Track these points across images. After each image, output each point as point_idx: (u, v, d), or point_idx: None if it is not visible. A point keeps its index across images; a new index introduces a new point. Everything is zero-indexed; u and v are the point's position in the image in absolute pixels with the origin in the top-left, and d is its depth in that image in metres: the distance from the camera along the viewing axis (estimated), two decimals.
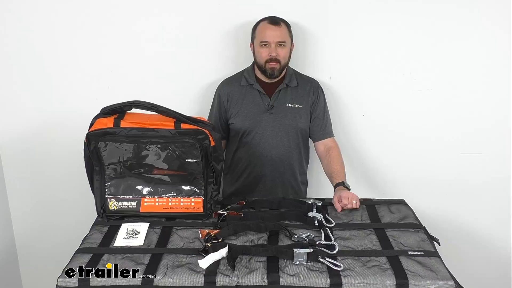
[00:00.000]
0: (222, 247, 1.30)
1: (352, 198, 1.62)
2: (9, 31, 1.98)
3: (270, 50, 1.82)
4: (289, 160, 1.94)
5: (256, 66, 1.90)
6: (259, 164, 1.93)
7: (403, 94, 2.05)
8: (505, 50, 1.95)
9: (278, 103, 1.91)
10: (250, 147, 1.92)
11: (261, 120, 1.90)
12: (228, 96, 1.93)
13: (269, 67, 1.84)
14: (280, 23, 1.83)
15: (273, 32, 1.81)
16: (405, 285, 1.20)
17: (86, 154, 1.50)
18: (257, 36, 1.85)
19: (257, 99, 1.91)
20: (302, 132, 1.94)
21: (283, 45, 1.83)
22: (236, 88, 1.93)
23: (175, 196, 1.53)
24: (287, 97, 1.91)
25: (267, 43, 1.82)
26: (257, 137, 1.91)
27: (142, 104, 1.50)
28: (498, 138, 2.07)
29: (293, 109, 1.91)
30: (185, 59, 2.03)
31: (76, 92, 2.06)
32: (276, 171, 1.94)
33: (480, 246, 2.24)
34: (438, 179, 2.16)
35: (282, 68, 1.87)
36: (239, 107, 1.91)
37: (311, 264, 1.27)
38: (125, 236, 1.42)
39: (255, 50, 1.87)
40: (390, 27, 1.96)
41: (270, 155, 1.92)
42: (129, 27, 1.99)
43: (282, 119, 1.90)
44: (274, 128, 1.90)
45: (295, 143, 1.94)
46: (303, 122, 1.93)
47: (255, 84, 1.91)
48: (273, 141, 1.91)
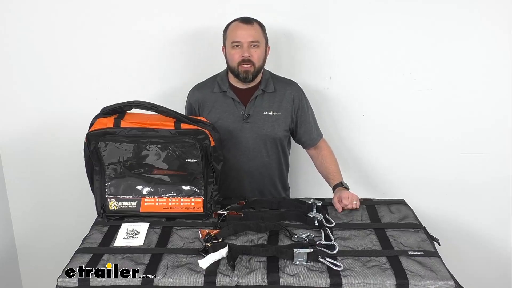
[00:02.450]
0: (222, 247, 1.30)
1: (352, 198, 1.62)
2: (9, 31, 1.98)
3: (242, 51, 1.68)
4: (269, 172, 1.84)
5: (229, 70, 1.76)
6: (237, 177, 1.81)
7: (403, 94, 2.04)
8: (505, 50, 1.95)
9: (255, 112, 1.77)
10: (227, 160, 1.74)
11: (237, 131, 1.76)
12: (199, 104, 1.80)
13: (242, 69, 1.69)
14: (252, 22, 1.71)
15: (245, 31, 1.68)
16: (405, 285, 1.20)
17: (86, 154, 1.50)
18: (228, 36, 1.72)
19: (232, 108, 1.77)
20: (280, 141, 1.82)
21: (256, 45, 1.69)
22: (208, 95, 1.79)
23: (175, 196, 1.53)
24: (264, 104, 1.77)
25: (239, 43, 1.68)
26: (233, 150, 1.78)
27: (142, 104, 1.51)
28: (498, 138, 2.07)
29: (271, 117, 1.77)
30: (185, 59, 2.03)
31: (76, 92, 2.06)
32: (255, 183, 1.83)
33: (480, 246, 2.24)
34: (438, 179, 2.16)
35: (257, 71, 1.72)
36: (212, 117, 1.76)
37: (311, 264, 1.27)
38: (125, 236, 1.42)
39: (227, 53, 1.74)
40: (390, 27, 1.96)
41: (247, 167, 1.80)
42: (129, 27, 1.99)
43: (260, 129, 1.77)
44: (250, 139, 1.77)
45: (274, 153, 1.82)
46: (282, 131, 1.79)
47: (228, 91, 1.77)
48: (251, 153, 1.79)
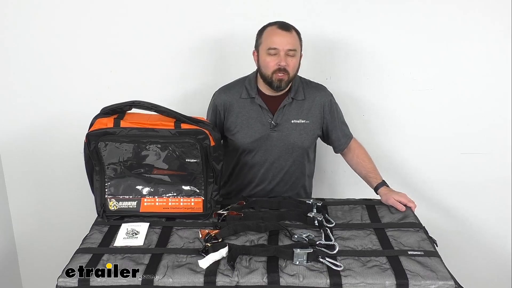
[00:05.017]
0: (222, 247, 1.29)
1: (410, 201, 1.60)
2: (9, 31, 1.98)
3: (279, 59, 1.59)
4: (292, 179, 1.80)
5: (261, 77, 1.67)
6: (260, 184, 1.79)
7: (403, 94, 2.05)
8: (505, 50, 1.95)
9: (283, 120, 1.71)
10: (251, 166, 1.76)
11: (264, 139, 1.72)
12: (224, 107, 1.75)
13: (276, 78, 1.61)
14: (291, 29, 1.62)
15: (283, 38, 1.59)
16: (405, 285, 1.20)
17: (86, 154, 1.50)
18: (263, 42, 1.62)
19: (259, 115, 1.71)
20: (307, 149, 1.78)
21: (293, 54, 1.61)
22: (235, 100, 1.74)
23: (175, 196, 1.53)
24: (292, 112, 1.72)
25: (276, 51, 1.59)
26: (257, 157, 1.75)
27: (142, 104, 1.50)
28: (498, 138, 2.07)
29: (299, 125, 1.72)
30: (186, 59, 2.03)
31: (76, 92, 2.06)
32: (277, 190, 1.80)
33: (480, 246, 2.24)
34: (438, 179, 2.16)
35: (290, 80, 1.65)
36: (238, 123, 1.73)
37: (311, 264, 1.27)
38: (125, 236, 1.42)
39: (261, 59, 1.64)
40: (390, 27, 1.96)
41: (272, 175, 1.78)
42: (129, 27, 1.99)
43: (287, 138, 1.72)
44: (276, 148, 1.73)
45: (299, 162, 1.78)
46: (310, 139, 1.75)
47: (257, 98, 1.71)
48: (276, 161, 1.75)
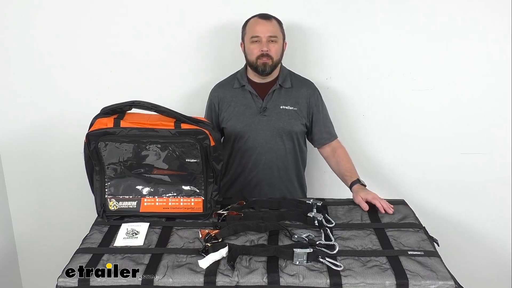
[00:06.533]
0: (222, 247, 1.29)
1: (386, 204, 1.60)
2: (9, 30, 1.98)
3: (261, 45, 1.75)
4: (285, 165, 1.87)
5: (248, 64, 1.83)
6: (254, 169, 1.87)
7: (403, 94, 2.05)
8: (505, 50, 1.95)
9: (272, 105, 1.83)
10: (244, 152, 1.85)
11: (254, 123, 1.82)
12: (219, 100, 1.87)
13: (260, 62, 1.76)
14: (271, 18, 1.78)
15: (264, 27, 1.76)
16: (405, 285, 1.20)
17: (86, 154, 1.50)
18: (247, 32, 1.80)
19: (249, 101, 1.84)
20: (297, 136, 1.87)
21: (274, 40, 1.76)
22: (228, 91, 1.87)
23: (175, 196, 1.53)
24: (281, 98, 1.84)
25: (258, 38, 1.75)
26: (249, 142, 1.83)
27: (142, 104, 1.50)
28: (498, 138, 2.07)
29: (287, 111, 1.83)
30: (186, 59, 2.03)
31: (76, 92, 2.07)
32: (271, 176, 1.87)
33: (480, 246, 2.24)
34: (438, 179, 2.16)
35: (275, 64, 1.79)
36: (231, 111, 1.85)
37: (311, 264, 1.27)
38: (125, 236, 1.42)
39: (246, 48, 1.81)
40: (390, 27, 1.96)
41: (264, 160, 1.85)
42: (129, 27, 1.99)
43: (276, 122, 1.82)
44: (267, 132, 1.82)
45: (290, 147, 1.87)
46: (299, 125, 1.85)
47: (246, 85, 1.84)
48: (267, 145, 1.83)
